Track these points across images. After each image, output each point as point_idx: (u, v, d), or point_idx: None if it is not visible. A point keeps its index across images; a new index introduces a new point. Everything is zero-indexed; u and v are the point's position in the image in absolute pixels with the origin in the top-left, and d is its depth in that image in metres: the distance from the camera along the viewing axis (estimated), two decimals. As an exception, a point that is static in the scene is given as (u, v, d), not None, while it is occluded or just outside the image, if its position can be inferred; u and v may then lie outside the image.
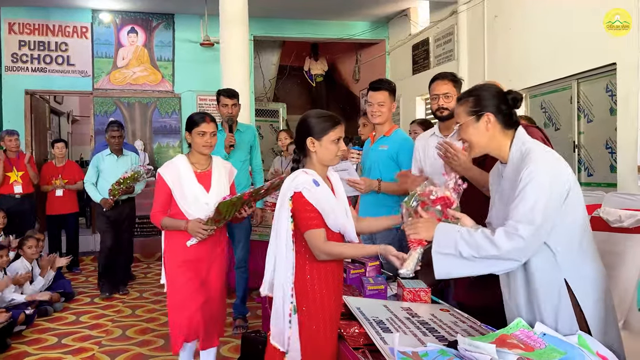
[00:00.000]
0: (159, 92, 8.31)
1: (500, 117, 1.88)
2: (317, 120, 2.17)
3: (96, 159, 5.49)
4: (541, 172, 1.74)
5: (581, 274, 1.80)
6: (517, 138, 1.89)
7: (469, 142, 1.94)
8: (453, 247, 1.77)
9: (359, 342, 1.99)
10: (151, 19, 8.26)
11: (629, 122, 4.15)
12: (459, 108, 1.95)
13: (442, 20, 7.15)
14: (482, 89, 1.95)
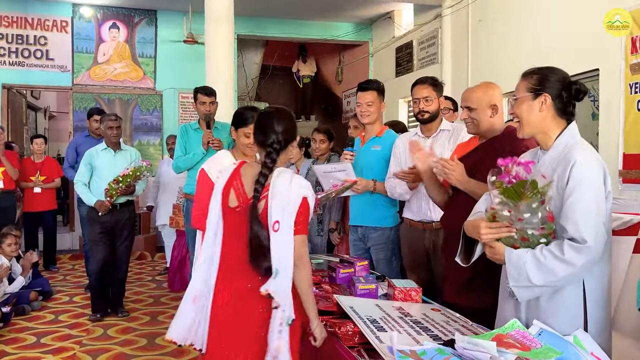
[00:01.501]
0: (140, 89, 8.20)
1: (557, 103, 1.86)
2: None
3: (89, 155, 4.57)
4: (592, 169, 1.75)
5: (597, 279, 1.82)
6: (569, 129, 1.88)
7: (520, 119, 1.92)
8: (526, 279, 1.75)
9: (353, 340, 1.98)
10: (133, 15, 8.15)
11: (610, 127, 4.24)
12: (522, 82, 1.94)
13: (426, 24, 7.21)
14: (550, 70, 1.93)
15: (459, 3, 6.45)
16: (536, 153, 1.97)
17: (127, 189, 4.45)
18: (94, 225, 4.52)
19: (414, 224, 3.06)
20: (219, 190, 2.02)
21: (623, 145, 4.10)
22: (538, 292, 1.79)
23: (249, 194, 1.95)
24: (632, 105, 4.02)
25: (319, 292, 2.57)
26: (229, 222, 1.99)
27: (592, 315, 1.80)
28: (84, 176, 4.56)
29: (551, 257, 1.71)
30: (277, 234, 1.85)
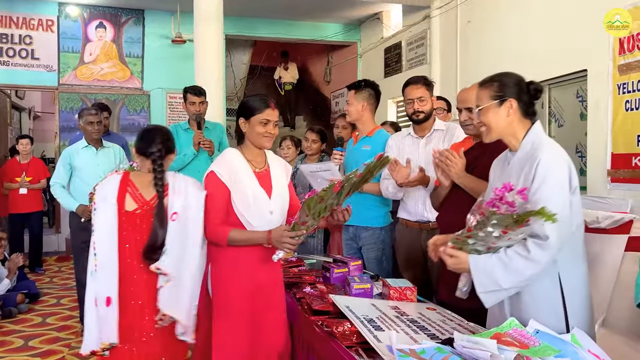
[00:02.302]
0: (128, 89, 8.12)
1: (521, 105, 1.90)
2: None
3: (67, 154, 4.09)
4: (556, 166, 1.78)
5: (572, 273, 1.85)
6: (534, 130, 1.91)
7: (487, 126, 1.95)
8: (495, 284, 1.78)
9: (351, 340, 1.97)
10: (120, 14, 8.08)
11: (598, 128, 4.28)
12: (482, 92, 1.96)
13: (415, 25, 7.23)
14: (506, 75, 1.97)
15: (447, 4, 6.48)
16: (506, 155, 2.02)
17: None
18: (78, 233, 4.01)
19: (410, 225, 3.06)
20: (114, 198, 2.25)
21: (611, 145, 4.14)
22: (504, 295, 1.82)
23: (147, 197, 2.28)
24: (620, 106, 4.07)
25: (314, 291, 2.57)
26: (126, 225, 2.25)
27: (571, 308, 1.84)
28: (61, 178, 4.06)
29: (517, 258, 1.75)
30: (174, 222, 2.23)
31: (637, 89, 3.94)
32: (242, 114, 2.37)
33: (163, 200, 2.25)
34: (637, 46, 3.94)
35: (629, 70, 4.01)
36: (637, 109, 3.94)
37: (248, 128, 2.36)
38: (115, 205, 2.25)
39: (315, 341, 2.18)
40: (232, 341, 2.27)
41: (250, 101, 2.38)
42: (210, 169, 2.32)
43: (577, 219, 1.86)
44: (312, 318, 2.26)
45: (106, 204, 2.26)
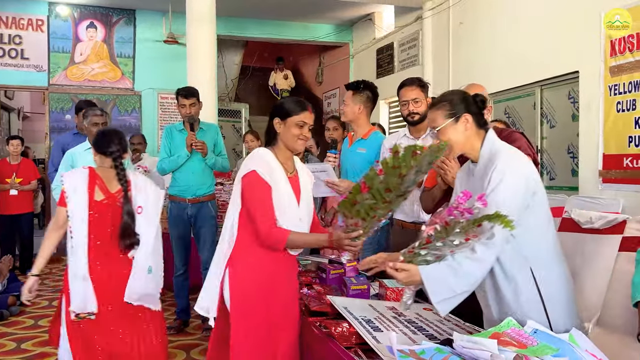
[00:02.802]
0: (119, 90, 8.08)
1: (474, 118, 1.98)
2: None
3: (70, 156, 3.89)
4: (510, 171, 1.83)
5: (549, 273, 1.90)
6: (488, 138, 1.98)
7: (448, 144, 1.99)
8: (449, 290, 1.80)
9: (350, 341, 1.98)
10: (111, 14, 8.03)
11: (590, 128, 4.32)
12: (435, 113, 2.01)
13: (407, 26, 7.26)
14: (453, 93, 2.07)
15: (439, 5, 6.51)
16: (468, 167, 2.07)
17: None
18: None
19: (407, 226, 3.07)
20: (84, 188, 2.58)
21: (603, 146, 4.18)
22: (458, 300, 1.84)
23: (111, 190, 2.64)
24: (611, 107, 4.11)
25: (311, 292, 2.57)
26: (96, 212, 2.58)
27: (549, 303, 1.89)
28: None
29: (466, 261, 1.78)
30: (140, 215, 2.64)
31: (628, 90, 3.99)
32: (278, 115, 2.29)
33: (128, 193, 2.62)
34: (628, 48, 3.98)
35: (620, 72, 4.05)
36: (628, 110, 3.99)
37: (283, 129, 2.28)
38: (87, 195, 2.57)
39: (314, 342, 2.18)
40: (250, 347, 2.21)
41: (288, 102, 2.33)
42: (251, 168, 2.20)
43: (543, 218, 1.93)
44: (309, 319, 2.26)
45: (77, 194, 2.57)
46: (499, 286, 1.93)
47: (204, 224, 4.20)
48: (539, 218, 1.91)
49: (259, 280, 2.25)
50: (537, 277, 1.89)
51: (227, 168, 4.43)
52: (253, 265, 2.24)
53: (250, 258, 2.24)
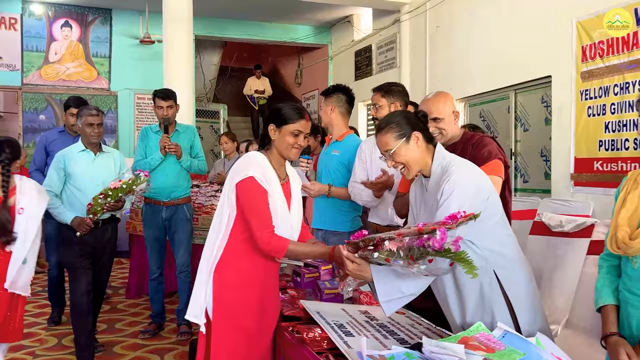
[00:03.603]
0: (94, 90, 7.98)
1: (423, 134, 2.02)
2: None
3: (61, 159, 3.56)
4: (462, 182, 1.87)
5: (513, 276, 1.94)
6: (437, 152, 2.02)
7: (405, 164, 2.02)
8: (398, 291, 1.84)
9: (321, 346, 1.98)
10: (87, 13, 7.93)
11: (562, 132, 4.40)
12: (385, 137, 2.02)
13: (385, 28, 7.30)
14: (395, 115, 2.09)
15: (417, 9, 6.56)
16: (421, 181, 2.11)
17: (116, 205, 3.49)
18: (71, 248, 3.54)
19: (381, 229, 3.08)
20: None
21: (574, 149, 4.26)
22: (405, 301, 1.88)
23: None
24: (582, 112, 4.19)
25: (285, 297, 2.57)
26: None
27: (516, 305, 1.93)
28: (54, 185, 3.53)
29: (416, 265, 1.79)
30: (21, 215, 2.89)
31: (599, 95, 4.07)
32: (273, 121, 2.22)
33: (8, 200, 2.86)
34: (598, 54, 4.06)
35: (591, 77, 4.13)
36: (598, 114, 4.07)
37: (278, 136, 2.21)
38: None
39: (286, 347, 2.18)
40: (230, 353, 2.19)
41: (285, 109, 2.23)
42: (249, 174, 2.12)
43: (498, 221, 1.97)
44: (282, 324, 2.26)
45: None
46: (462, 290, 1.96)
47: (180, 227, 4.16)
48: (495, 221, 1.95)
49: (245, 287, 2.22)
50: (501, 278, 1.92)
51: (204, 170, 4.40)
52: (240, 272, 2.21)
53: (239, 264, 2.21)
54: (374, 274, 1.86)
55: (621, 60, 3.89)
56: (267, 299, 2.28)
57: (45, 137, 4.48)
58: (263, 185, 2.13)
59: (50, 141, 4.33)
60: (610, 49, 3.97)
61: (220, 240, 2.21)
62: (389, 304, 1.86)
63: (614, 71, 3.94)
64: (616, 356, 1.65)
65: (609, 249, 1.75)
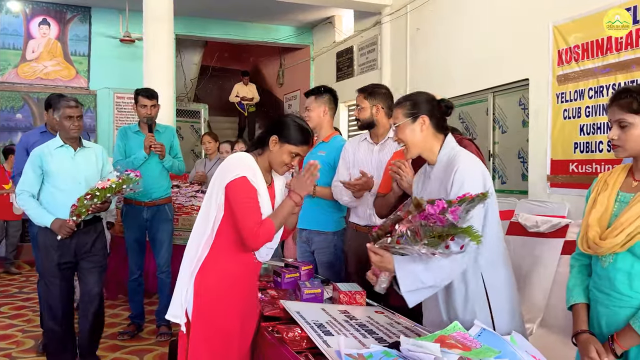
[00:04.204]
0: (73, 88, 7.88)
1: (433, 121, 2.04)
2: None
3: (37, 156, 3.27)
4: (471, 172, 1.91)
5: (494, 275, 1.98)
6: (447, 142, 2.05)
7: (405, 143, 2.06)
8: (419, 281, 1.86)
9: (301, 345, 2.00)
10: (65, 11, 7.84)
11: (539, 134, 4.48)
12: (397, 111, 2.08)
13: (366, 30, 7.34)
14: (418, 94, 2.11)
15: (397, 11, 6.61)
16: (425, 169, 2.14)
17: (102, 206, 3.23)
18: (49, 254, 3.26)
19: (360, 229, 3.12)
20: None
21: (550, 151, 4.34)
22: (427, 293, 1.91)
23: None
24: (558, 114, 4.27)
25: (265, 297, 2.58)
26: None
27: (495, 307, 1.97)
28: (31, 185, 3.26)
29: (440, 257, 1.82)
30: None
31: (574, 98, 4.15)
32: (278, 133, 2.21)
33: None
34: (574, 58, 4.15)
35: (566, 81, 4.21)
36: (573, 117, 4.15)
37: (276, 149, 2.21)
38: None
39: (266, 347, 2.19)
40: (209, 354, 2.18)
41: (295, 129, 2.21)
42: (241, 174, 2.13)
43: (495, 223, 2.01)
44: (262, 324, 2.27)
45: None
46: (453, 289, 1.99)
47: (161, 227, 4.15)
48: (492, 223, 1.98)
49: (227, 290, 2.22)
50: (487, 282, 1.96)
51: (183, 170, 4.39)
52: (223, 275, 2.21)
53: (222, 266, 2.21)
54: (396, 264, 1.88)
55: (596, 65, 3.97)
56: (249, 302, 2.30)
57: (26, 139, 4.04)
58: (254, 184, 2.15)
59: (31, 143, 3.88)
60: (585, 53, 4.06)
61: (205, 241, 2.20)
62: (411, 295, 1.88)
63: (589, 75, 4.02)
64: (586, 353, 1.70)
65: (580, 248, 1.80)
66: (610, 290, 1.71)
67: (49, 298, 3.32)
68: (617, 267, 1.69)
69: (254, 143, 2.32)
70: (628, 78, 3.72)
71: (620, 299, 1.69)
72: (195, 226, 2.26)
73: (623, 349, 1.65)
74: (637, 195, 1.66)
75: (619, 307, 1.69)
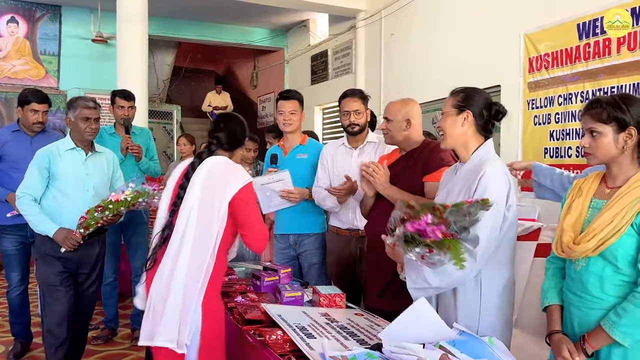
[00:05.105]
0: (42, 88, 7.63)
1: (478, 120, 2.03)
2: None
3: (45, 157, 2.98)
4: (497, 179, 1.91)
5: (492, 280, 2.00)
6: (485, 145, 2.05)
7: (444, 131, 2.07)
8: (423, 280, 1.89)
9: (284, 348, 2.02)
10: (35, 9, 7.67)
11: (510, 139, 4.60)
12: (449, 99, 2.09)
13: (341, 34, 7.40)
14: (475, 90, 2.10)
15: (372, 16, 6.69)
16: (456, 166, 2.16)
17: (113, 219, 2.99)
18: (51, 264, 2.99)
19: (341, 232, 3.15)
20: None
21: (521, 156, 4.45)
22: (433, 292, 1.95)
23: None
24: (529, 120, 4.39)
25: (246, 301, 2.59)
26: None
27: (484, 312, 1.99)
28: (34, 188, 2.96)
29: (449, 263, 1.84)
30: None
31: (544, 105, 4.28)
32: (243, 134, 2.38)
33: None
34: (544, 66, 4.27)
35: (537, 88, 4.34)
36: (543, 123, 4.28)
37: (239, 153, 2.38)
38: None
39: (248, 350, 2.20)
40: None
41: (242, 133, 2.37)
42: (248, 179, 2.20)
43: (510, 233, 2.00)
44: (244, 327, 2.28)
45: None
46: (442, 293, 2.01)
47: (136, 230, 4.11)
48: (509, 231, 1.97)
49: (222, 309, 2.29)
50: (483, 284, 1.98)
51: (159, 172, 4.36)
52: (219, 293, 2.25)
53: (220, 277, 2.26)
54: (405, 261, 1.92)
55: (565, 73, 4.10)
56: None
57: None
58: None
59: (2, 143, 3.63)
60: (555, 61, 4.19)
61: (211, 255, 2.13)
62: (415, 292, 1.91)
63: (558, 83, 4.15)
64: (559, 352, 1.77)
65: (554, 252, 1.87)
66: (582, 292, 1.78)
67: (52, 311, 3.01)
68: (589, 270, 1.76)
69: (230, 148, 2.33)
70: (595, 86, 3.86)
71: (591, 300, 1.75)
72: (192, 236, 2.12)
73: (594, 348, 1.71)
74: (609, 202, 1.74)
75: (591, 308, 1.75)
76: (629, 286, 1.69)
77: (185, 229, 2.13)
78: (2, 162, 3.64)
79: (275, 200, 3.17)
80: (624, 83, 3.68)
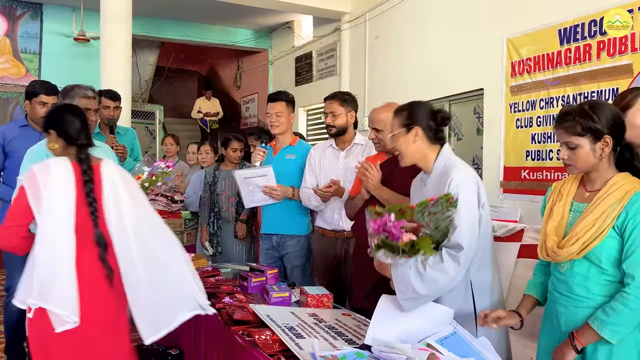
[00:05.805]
0: (22, 87, 7.49)
1: (427, 132, 2.08)
2: None
3: (38, 154, 2.60)
4: (465, 184, 1.96)
5: (480, 279, 2.04)
6: (443, 152, 2.10)
7: (399, 151, 2.12)
8: (412, 291, 1.91)
9: (273, 348, 2.03)
10: (15, 7, 7.57)
11: (492, 142, 4.67)
12: (394, 120, 2.13)
13: (326, 36, 7.43)
14: (416, 105, 2.14)
15: (357, 19, 6.73)
16: (421, 177, 2.21)
17: None
18: None
19: (326, 233, 3.18)
20: None
21: (503, 158, 4.53)
22: (423, 301, 1.97)
23: None
24: (511, 123, 4.47)
25: (234, 301, 2.59)
26: None
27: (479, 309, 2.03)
28: None
29: (430, 269, 1.90)
30: None
31: (526, 108, 4.35)
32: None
33: None
34: (526, 70, 4.35)
35: (519, 92, 4.42)
36: (525, 126, 4.35)
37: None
38: None
39: (236, 351, 2.21)
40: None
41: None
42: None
43: (487, 230, 2.06)
44: (233, 328, 2.29)
45: None
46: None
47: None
48: (486, 229, 2.03)
49: None
50: (474, 287, 2.02)
51: None
52: None
53: None
54: (392, 274, 1.94)
55: (546, 77, 4.18)
56: None
57: (2, 135, 3.35)
58: None
59: (9, 139, 3.32)
60: (536, 66, 4.27)
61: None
62: (406, 302, 1.93)
63: (540, 87, 4.23)
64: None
65: (540, 256, 1.91)
66: (568, 292, 1.83)
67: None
68: (574, 272, 1.81)
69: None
70: (576, 90, 3.95)
71: (578, 299, 1.80)
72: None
73: (582, 345, 1.76)
74: (589, 205, 1.78)
75: (577, 307, 1.81)
76: (614, 285, 1.75)
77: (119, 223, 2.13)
78: (9, 159, 3.32)
79: (258, 195, 3.21)
80: (604, 88, 3.77)
